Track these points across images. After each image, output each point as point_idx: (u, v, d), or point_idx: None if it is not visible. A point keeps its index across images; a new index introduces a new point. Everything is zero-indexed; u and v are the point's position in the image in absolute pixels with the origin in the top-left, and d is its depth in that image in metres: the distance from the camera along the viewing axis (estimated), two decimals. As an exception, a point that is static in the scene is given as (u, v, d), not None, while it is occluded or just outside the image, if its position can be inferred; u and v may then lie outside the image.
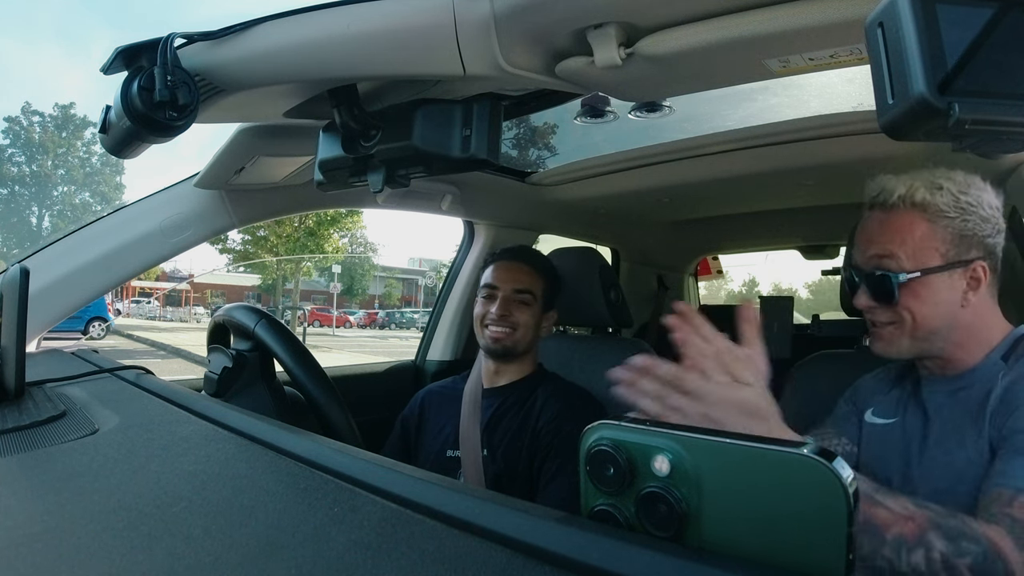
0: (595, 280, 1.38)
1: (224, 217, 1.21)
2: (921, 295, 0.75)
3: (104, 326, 14.02)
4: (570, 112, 1.41)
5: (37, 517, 0.41)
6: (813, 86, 1.23)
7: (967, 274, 0.75)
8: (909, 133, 0.36)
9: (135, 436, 0.59)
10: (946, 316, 0.75)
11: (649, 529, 0.35)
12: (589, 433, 0.37)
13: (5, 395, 0.74)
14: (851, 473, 0.31)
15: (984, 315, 0.77)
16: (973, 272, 0.75)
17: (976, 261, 0.75)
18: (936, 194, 0.75)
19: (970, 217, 0.75)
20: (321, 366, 0.90)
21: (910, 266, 0.75)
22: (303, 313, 19.24)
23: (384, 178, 0.79)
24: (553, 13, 0.61)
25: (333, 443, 0.58)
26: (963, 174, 0.77)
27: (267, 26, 0.71)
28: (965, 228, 0.75)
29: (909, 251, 0.75)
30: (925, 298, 0.75)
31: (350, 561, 0.34)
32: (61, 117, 34.41)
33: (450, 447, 1.21)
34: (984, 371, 0.75)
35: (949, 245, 0.75)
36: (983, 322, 0.77)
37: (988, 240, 0.75)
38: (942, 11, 0.34)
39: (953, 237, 0.75)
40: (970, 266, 0.75)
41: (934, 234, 0.75)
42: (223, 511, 0.41)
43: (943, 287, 0.75)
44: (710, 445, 0.34)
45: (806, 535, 0.31)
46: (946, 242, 0.75)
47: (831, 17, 0.55)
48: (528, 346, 1.24)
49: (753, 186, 1.69)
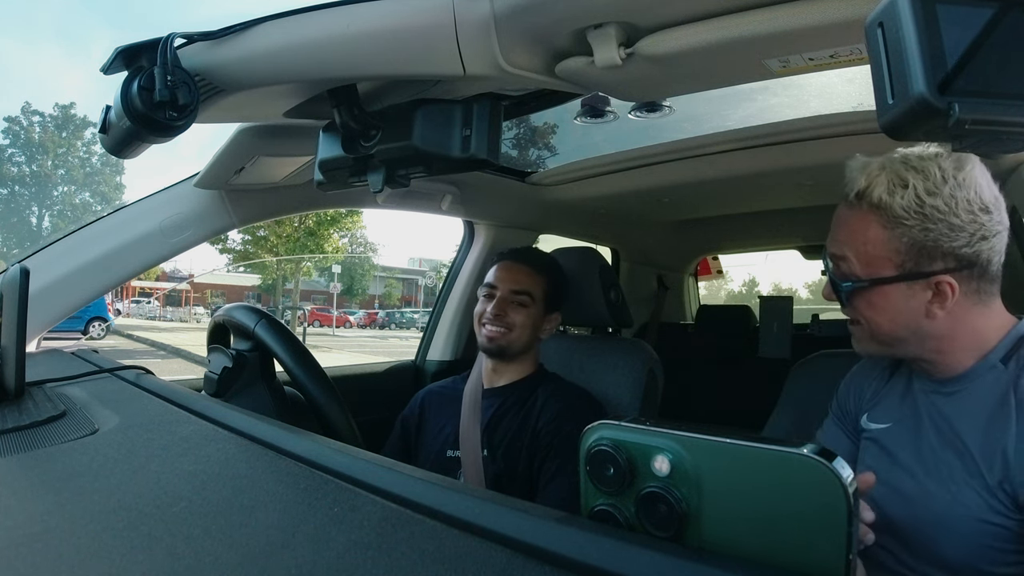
0: (595, 280, 1.38)
1: (224, 217, 1.21)
2: (874, 303, 0.69)
3: (104, 326, 14.02)
4: (570, 112, 1.41)
5: (37, 517, 0.41)
6: (813, 86, 1.23)
7: (929, 286, 0.66)
8: (909, 133, 0.36)
9: (135, 436, 0.59)
10: (908, 326, 0.69)
11: (649, 529, 0.35)
12: (589, 433, 0.37)
13: (5, 395, 0.74)
14: (851, 473, 0.31)
15: (965, 322, 0.68)
16: (937, 286, 0.66)
17: (939, 275, 0.65)
18: (896, 194, 0.66)
19: (933, 226, 0.64)
20: (321, 366, 0.90)
21: (861, 272, 0.69)
22: (303, 313, 19.24)
23: (384, 178, 0.79)
24: (553, 13, 0.61)
25: (333, 443, 0.58)
26: (951, 162, 0.66)
27: (267, 26, 0.71)
28: (925, 238, 0.65)
29: (862, 256, 0.69)
30: (879, 307, 0.69)
31: (350, 561, 0.34)
32: (61, 117, 34.42)
33: (450, 447, 1.21)
34: (981, 375, 0.68)
35: (904, 256, 0.66)
36: (965, 329, 0.68)
37: (962, 250, 0.65)
38: (942, 11, 0.34)
39: (909, 247, 0.66)
40: (931, 279, 0.66)
41: (888, 242, 0.67)
42: (223, 511, 0.41)
43: (899, 297, 0.68)
44: (710, 445, 0.34)
45: (806, 535, 0.31)
46: (900, 252, 0.66)
47: (831, 17, 0.55)
48: (525, 347, 1.24)
49: (753, 186, 1.69)
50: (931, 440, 0.70)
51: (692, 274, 2.95)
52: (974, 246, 0.65)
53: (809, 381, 1.15)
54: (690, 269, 2.91)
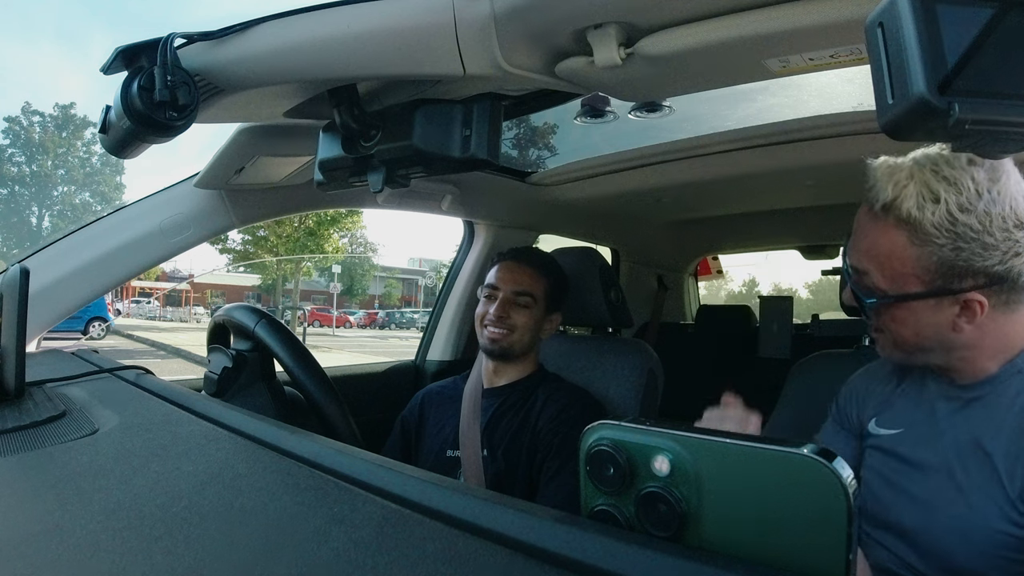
0: (595, 280, 1.37)
1: (224, 217, 1.21)
2: (898, 318, 0.67)
3: (104, 326, 14.02)
4: (570, 112, 1.41)
5: (37, 517, 0.41)
6: (813, 86, 1.23)
7: (957, 302, 0.64)
8: (909, 133, 0.36)
9: (135, 436, 0.59)
10: (934, 338, 0.67)
11: (649, 529, 0.35)
12: (589, 433, 0.37)
13: (5, 395, 0.74)
14: (851, 473, 0.31)
15: (993, 332, 0.65)
16: (966, 303, 0.63)
17: (968, 292, 0.63)
18: (927, 209, 0.62)
19: (966, 245, 0.61)
20: (321, 366, 0.90)
21: (886, 287, 0.67)
22: (303, 313, 19.23)
23: (384, 178, 0.79)
24: (553, 13, 0.61)
25: (333, 443, 0.58)
26: (985, 173, 0.61)
27: (267, 26, 0.71)
28: (957, 258, 0.61)
29: (887, 272, 0.66)
30: (904, 321, 0.67)
31: (350, 561, 0.34)
32: (61, 117, 34.43)
33: (450, 447, 1.21)
34: (1006, 380, 0.66)
35: (934, 274, 0.63)
36: (992, 339, 0.66)
37: (995, 268, 0.61)
38: (942, 11, 0.34)
39: (939, 266, 0.62)
40: (960, 296, 0.63)
41: (916, 260, 0.63)
42: (223, 511, 0.41)
43: (926, 312, 0.65)
44: (710, 445, 0.34)
45: (806, 535, 0.31)
46: (930, 271, 0.63)
47: (831, 17, 0.55)
48: (527, 347, 1.24)
49: (753, 186, 1.69)
50: (949, 446, 0.68)
51: (692, 274, 2.95)
52: (1007, 263, 0.61)
53: (809, 381, 1.15)
54: (690, 269, 2.91)
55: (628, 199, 1.84)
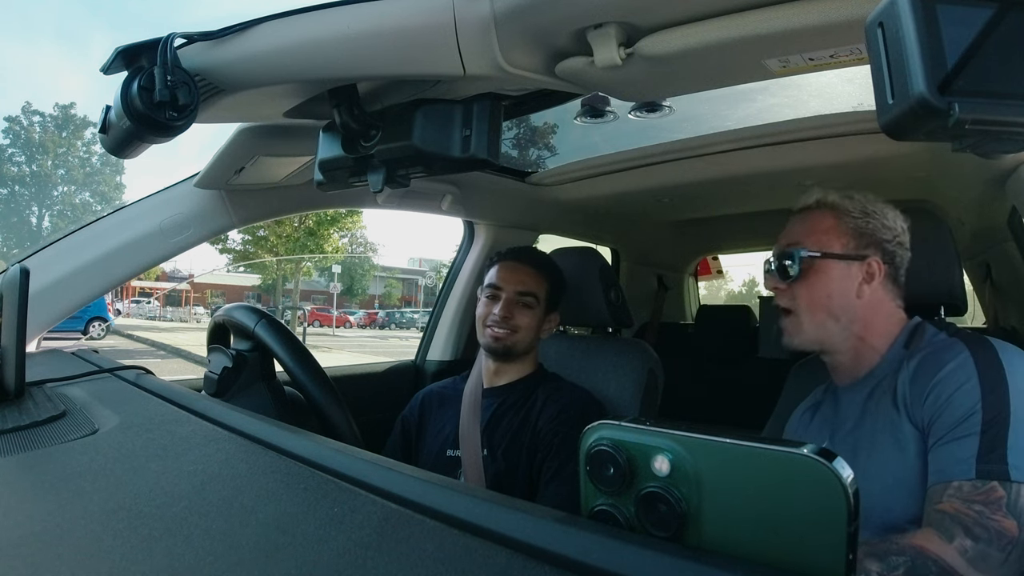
0: (595, 280, 1.37)
1: (224, 217, 1.21)
2: (818, 274, 0.85)
3: (104, 326, 14.02)
4: (570, 112, 1.41)
5: (37, 517, 0.41)
6: (813, 86, 1.23)
7: (863, 268, 0.84)
8: (909, 133, 0.36)
9: (135, 436, 0.59)
10: (842, 302, 0.84)
11: (649, 529, 0.35)
12: (589, 433, 0.37)
13: (5, 395, 0.74)
14: (851, 473, 0.31)
15: (881, 308, 0.85)
16: (868, 267, 0.84)
17: (872, 257, 0.84)
18: (847, 199, 0.87)
19: (872, 220, 0.85)
20: (321, 366, 0.90)
21: (813, 248, 0.85)
22: (303, 313, 19.21)
23: (384, 178, 0.79)
24: (553, 13, 0.61)
25: (333, 443, 0.58)
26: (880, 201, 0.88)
27: (267, 26, 0.71)
28: (866, 227, 0.85)
29: (814, 239, 0.86)
30: (820, 279, 0.84)
31: (350, 561, 0.34)
32: (61, 117, 34.41)
33: (450, 447, 1.21)
34: (891, 362, 0.83)
35: (849, 238, 0.85)
36: (880, 314, 0.85)
37: (887, 244, 0.85)
38: (942, 11, 0.34)
39: (854, 232, 0.85)
40: (866, 260, 0.84)
41: (838, 228, 0.86)
42: (223, 511, 0.41)
43: (838, 274, 0.84)
44: (710, 445, 0.34)
45: (806, 535, 0.31)
46: (847, 235, 0.85)
47: (831, 17, 0.55)
48: (528, 347, 1.24)
49: (753, 186, 1.69)
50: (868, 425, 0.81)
51: (692, 274, 2.95)
52: (894, 246, 0.86)
53: (809, 381, 1.15)
54: (690, 269, 2.91)
55: (628, 199, 1.84)
